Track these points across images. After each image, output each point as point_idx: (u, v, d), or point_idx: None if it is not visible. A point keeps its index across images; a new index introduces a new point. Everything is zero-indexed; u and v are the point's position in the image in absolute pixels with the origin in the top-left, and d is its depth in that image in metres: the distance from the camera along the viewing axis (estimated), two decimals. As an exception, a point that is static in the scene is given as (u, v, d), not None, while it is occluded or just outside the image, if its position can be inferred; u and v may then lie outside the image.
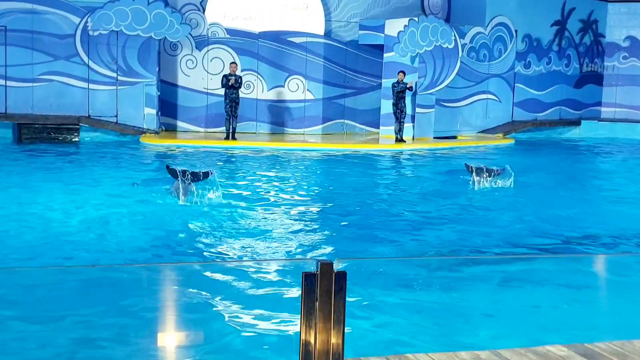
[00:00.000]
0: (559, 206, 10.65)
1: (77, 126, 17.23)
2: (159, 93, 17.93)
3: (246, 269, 6.34)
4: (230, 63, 17.52)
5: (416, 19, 18.66)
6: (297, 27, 19.16)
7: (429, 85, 19.02)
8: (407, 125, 18.63)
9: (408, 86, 17.88)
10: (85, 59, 17.45)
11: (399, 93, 17.88)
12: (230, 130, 17.18)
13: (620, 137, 22.14)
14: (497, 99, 21.45)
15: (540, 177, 13.66)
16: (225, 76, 17.17)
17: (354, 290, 3.66)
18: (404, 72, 17.92)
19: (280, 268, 6.40)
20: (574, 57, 23.49)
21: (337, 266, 3.46)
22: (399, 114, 18.02)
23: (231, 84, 16.86)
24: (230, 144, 16.83)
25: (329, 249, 7.83)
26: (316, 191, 11.78)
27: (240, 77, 17.32)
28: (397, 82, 17.88)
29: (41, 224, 8.66)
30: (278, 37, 19.02)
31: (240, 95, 17.41)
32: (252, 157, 15.38)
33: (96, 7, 17.13)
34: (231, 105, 17.17)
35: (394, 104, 18.04)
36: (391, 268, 6.10)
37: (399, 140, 18.08)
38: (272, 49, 19.00)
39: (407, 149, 17.64)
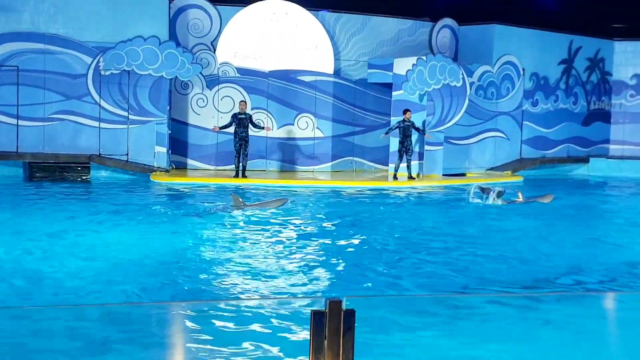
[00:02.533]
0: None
1: (88, 165, 17.25)
2: (169, 131, 17.97)
3: (254, 308, 6.23)
4: (240, 101, 17.58)
5: (424, 57, 18.72)
6: (307, 66, 19.25)
7: (437, 123, 18.99)
8: (415, 163, 18.57)
9: (428, 136, 18.15)
10: (97, 98, 17.54)
11: (405, 131, 17.85)
12: (240, 168, 17.16)
13: (629, 175, 21.98)
14: (505, 136, 21.40)
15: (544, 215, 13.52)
16: (234, 115, 17.23)
17: (364, 329, 3.54)
18: (409, 111, 17.92)
19: (289, 306, 6.28)
20: (581, 95, 23.48)
21: (346, 304, 3.37)
22: (404, 152, 17.98)
23: (262, 126, 17.54)
24: (240, 181, 16.76)
25: (336, 287, 7.70)
26: (327, 227, 11.67)
27: (250, 115, 17.37)
28: (403, 121, 17.86)
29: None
30: (288, 76, 19.09)
31: (250, 133, 17.43)
32: (262, 193, 15.31)
33: (108, 47, 17.27)
34: (240, 143, 17.19)
35: (400, 142, 18.01)
36: (400, 306, 5.98)
37: (409, 177, 17.98)
38: (281, 87, 19.07)
39: (417, 186, 17.54)
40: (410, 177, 18.04)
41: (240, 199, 12.95)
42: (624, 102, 24.14)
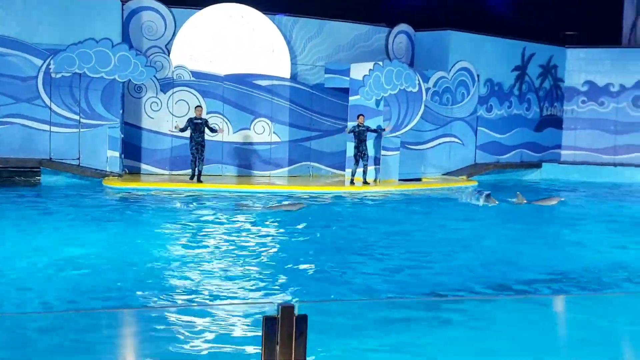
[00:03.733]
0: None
1: (38, 169, 16.83)
2: (122, 135, 17.66)
3: (207, 313, 6.08)
4: (196, 106, 17.33)
5: (381, 63, 18.76)
6: (263, 70, 19.12)
7: (393, 127, 19.03)
8: (371, 168, 18.60)
9: (387, 128, 18.13)
10: (48, 101, 17.15)
11: (360, 135, 17.89)
12: (196, 173, 16.94)
13: (579, 179, 22.34)
14: (460, 141, 21.58)
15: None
16: (190, 119, 17.02)
17: (316, 334, 3.45)
18: (362, 115, 17.99)
19: (240, 311, 6.15)
20: (534, 101, 23.81)
21: (298, 310, 3.28)
22: (359, 157, 18.00)
23: (216, 130, 17.43)
24: (195, 186, 16.55)
25: (293, 291, 7.59)
26: (283, 235, 11.55)
27: (206, 120, 17.17)
28: (357, 125, 17.90)
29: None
30: (244, 80, 18.94)
31: (206, 138, 17.24)
32: (217, 198, 15.12)
33: (59, 49, 16.90)
34: (197, 148, 16.99)
35: (355, 147, 18.04)
36: (352, 311, 5.91)
37: (364, 182, 17.99)
38: (237, 91, 18.90)
39: (372, 191, 17.54)
40: (365, 182, 18.03)
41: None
42: (575, 108, 24.54)
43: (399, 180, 19.10)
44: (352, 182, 18.02)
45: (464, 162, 21.76)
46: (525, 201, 15.89)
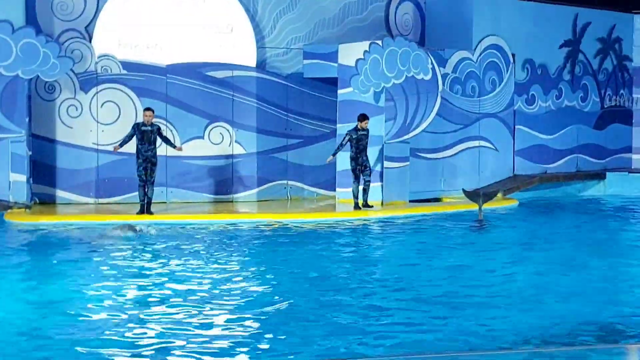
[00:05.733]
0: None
1: None
2: (30, 153, 17.79)
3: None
4: (145, 109, 17.31)
5: (379, 42, 19.00)
6: (219, 57, 19.33)
7: (400, 130, 19.21)
8: (374, 185, 18.71)
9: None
10: None
11: (359, 143, 17.98)
12: (145, 201, 17.01)
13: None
14: (492, 146, 21.72)
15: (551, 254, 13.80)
16: (136, 125, 17.04)
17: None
18: (366, 117, 18.05)
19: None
20: (592, 89, 24.06)
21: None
22: (359, 172, 18.11)
23: (173, 144, 17.64)
24: (146, 218, 16.48)
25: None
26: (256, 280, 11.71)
27: (159, 127, 17.23)
28: (356, 129, 17.99)
29: None
30: (194, 71, 19.14)
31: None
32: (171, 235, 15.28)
33: (-60, 37, 17.10)
34: (145, 166, 16.99)
35: (352, 159, 18.14)
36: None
37: (364, 205, 18.11)
38: (185, 87, 19.09)
39: (374, 217, 17.68)
40: (366, 205, 18.14)
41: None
42: (649, 96, 24.82)
43: (410, 202, 19.24)
44: (357, 207, 18.11)
45: (499, 175, 21.88)
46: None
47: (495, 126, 21.84)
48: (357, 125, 18.06)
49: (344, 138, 18.12)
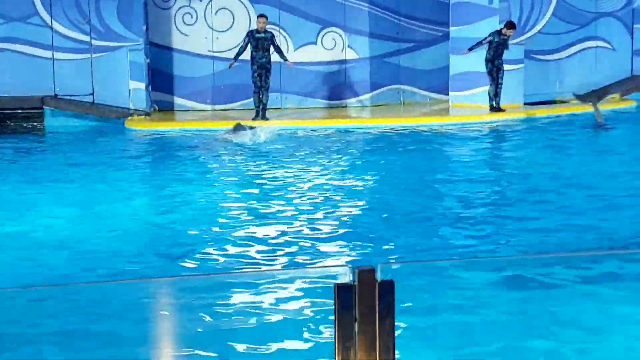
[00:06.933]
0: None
1: (41, 110, 17.41)
2: (148, 60, 18.06)
3: (264, 280, 6.43)
4: (258, 16, 17.35)
5: (493, -61, 18.55)
6: (331, -38, 19.18)
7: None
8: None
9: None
10: (48, 19, 17.64)
11: (498, 47, 17.73)
12: (261, 107, 17.21)
13: None
14: (609, 46, 21.19)
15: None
16: (250, 33, 17.10)
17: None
18: (514, 26, 17.74)
19: (307, 279, 6.45)
20: None
21: (381, 274, 3.42)
22: (495, 73, 17.90)
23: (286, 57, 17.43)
24: (261, 124, 16.58)
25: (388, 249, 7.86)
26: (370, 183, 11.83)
27: (273, 35, 17.26)
28: (499, 33, 17.69)
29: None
30: (305, -23, 19.06)
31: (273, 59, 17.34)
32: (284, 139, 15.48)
33: (59, -52, 17.35)
34: (260, 73, 17.13)
35: (488, 60, 17.87)
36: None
37: (495, 109, 17.88)
38: (297, -7, 19.05)
39: (495, 120, 17.48)
40: (498, 109, 17.90)
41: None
42: None
43: (525, 104, 18.98)
44: (493, 109, 17.97)
45: (616, 75, 21.33)
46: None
47: (613, 25, 21.19)
48: (501, 29, 17.85)
49: (486, 38, 17.89)
